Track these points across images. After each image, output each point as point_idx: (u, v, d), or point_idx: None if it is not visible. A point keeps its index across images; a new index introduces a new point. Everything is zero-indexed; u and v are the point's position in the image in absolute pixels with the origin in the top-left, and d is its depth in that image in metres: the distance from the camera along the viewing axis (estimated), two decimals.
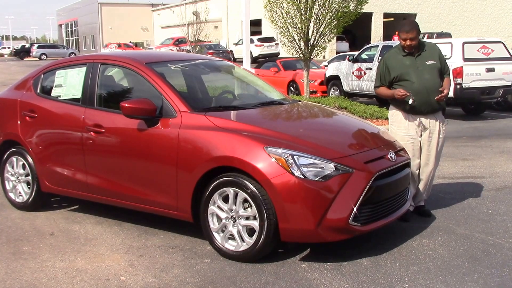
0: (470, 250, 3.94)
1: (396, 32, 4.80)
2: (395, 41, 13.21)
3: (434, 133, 4.57)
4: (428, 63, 4.50)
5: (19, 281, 3.53)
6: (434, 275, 3.52)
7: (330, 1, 11.71)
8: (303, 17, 11.82)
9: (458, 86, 10.57)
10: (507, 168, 6.62)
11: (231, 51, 32.42)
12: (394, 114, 4.66)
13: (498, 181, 5.93)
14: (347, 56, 14.40)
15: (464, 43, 10.95)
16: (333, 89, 14.23)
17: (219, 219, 3.83)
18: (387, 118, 10.22)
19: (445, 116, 4.71)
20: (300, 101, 5.24)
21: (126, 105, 4.04)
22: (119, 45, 42.73)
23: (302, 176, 3.50)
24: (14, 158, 5.11)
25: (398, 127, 4.60)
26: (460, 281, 3.42)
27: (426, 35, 28.27)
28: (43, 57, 46.30)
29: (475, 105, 11.91)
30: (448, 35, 28.09)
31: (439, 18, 36.53)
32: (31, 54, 49.29)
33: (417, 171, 4.61)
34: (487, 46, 11.20)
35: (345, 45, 33.08)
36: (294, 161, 3.53)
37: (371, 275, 3.53)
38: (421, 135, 4.56)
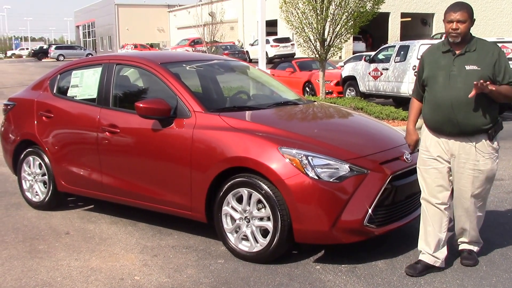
0: (488, 253, 3.86)
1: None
2: (414, 41, 12.87)
3: (467, 163, 3.38)
4: (468, 67, 3.27)
5: (35, 280, 3.56)
6: (450, 278, 3.46)
7: (347, 1, 11.62)
8: (319, 17, 11.76)
9: None
10: None
11: (247, 51, 32.44)
12: (423, 129, 3.58)
13: None
14: (364, 57, 14.30)
15: None
16: (349, 89, 14.15)
17: (233, 219, 3.82)
18: (403, 119, 10.22)
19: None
20: (315, 101, 5.21)
21: (141, 105, 4.06)
22: (136, 46, 43.08)
23: (316, 177, 3.47)
24: (31, 158, 5.16)
25: (421, 147, 3.59)
26: (477, 285, 3.36)
27: (444, 34, 27.86)
28: (61, 58, 46.86)
29: None
30: None
31: None
32: (49, 55, 50.00)
33: (448, 206, 3.54)
34: (506, 46, 11.01)
35: (361, 46, 32.83)
36: (309, 161, 3.50)
37: (386, 277, 3.48)
38: (449, 161, 3.46)
